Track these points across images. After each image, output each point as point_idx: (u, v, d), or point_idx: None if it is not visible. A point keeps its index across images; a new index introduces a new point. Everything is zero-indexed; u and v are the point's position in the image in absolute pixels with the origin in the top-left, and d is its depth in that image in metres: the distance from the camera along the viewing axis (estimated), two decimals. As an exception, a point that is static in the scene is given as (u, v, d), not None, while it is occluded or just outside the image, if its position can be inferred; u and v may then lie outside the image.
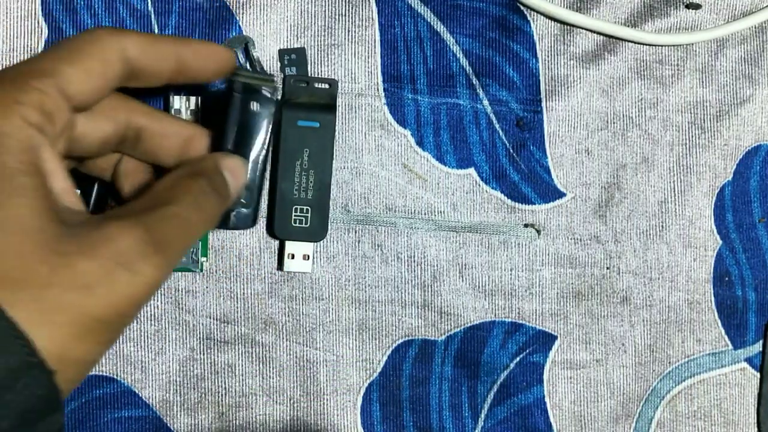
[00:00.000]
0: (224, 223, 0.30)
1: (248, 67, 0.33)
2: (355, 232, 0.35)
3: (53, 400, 0.19)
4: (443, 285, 0.35)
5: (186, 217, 0.23)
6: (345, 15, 0.35)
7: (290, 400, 0.34)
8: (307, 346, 0.34)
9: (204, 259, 0.33)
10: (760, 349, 0.38)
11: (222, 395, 0.34)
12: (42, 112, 0.21)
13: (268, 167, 0.33)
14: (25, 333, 0.18)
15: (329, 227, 0.34)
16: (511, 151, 0.36)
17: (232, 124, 0.29)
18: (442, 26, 0.35)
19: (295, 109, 0.33)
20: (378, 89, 0.35)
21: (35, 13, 0.33)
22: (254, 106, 0.29)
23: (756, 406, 0.38)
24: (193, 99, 0.32)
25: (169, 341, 0.33)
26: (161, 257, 0.21)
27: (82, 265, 0.20)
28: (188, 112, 0.32)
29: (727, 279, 0.38)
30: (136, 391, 0.33)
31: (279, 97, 0.32)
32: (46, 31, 0.33)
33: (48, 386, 0.19)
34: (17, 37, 0.33)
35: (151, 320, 0.33)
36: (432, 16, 0.35)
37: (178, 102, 0.32)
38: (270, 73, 0.33)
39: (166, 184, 0.24)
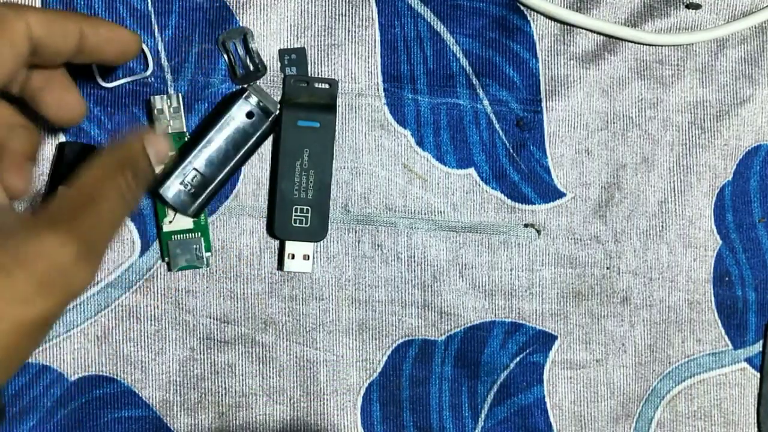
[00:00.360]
0: (162, 198, 0.32)
1: (247, 60, 0.33)
2: (355, 232, 0.35)
3: None
4: (443, 285, 0.35)
5: (114, 215, 0.25)
6: (345, 15, 0.35)
7: (290, 400, 0.34)
8: (307, 346, 0.34)
9: (209, 254, 0.33)
10: (760, 349, 0.38)
11: (222, 395, 0.34)
12: None
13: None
14: None
15: (329, 227, 0.34)
16: (511, 151, 0.36)
17: (223, 122, 0.32)
18: (442, 26, 0.35)
19: (296, 109, 0.33)
20: (378, 89, 0.35)
21: (35, 13, 0.33)
22: (250, 115, 0.32)
23: (756, 406, 0.38)
24: (174, 97, 0.32)
25: (169, 341, 0.33)
26: (94, 260, 0.23)
27: (21, 279, 0.21)
28: (171, 109, 0.32)
29: (727, 279, 0.38)
30: (136, 391, 0.33)
31: (273, 119, 0.33)
32: (46, 31, 0.33)
33: None
34: (17, 37, 0.33)
35: (151, 320, 0.33)
36: (432, 16, 0.35)
37: (159, 102, 0.32)
38: (278, 102, 0.33)
39: (95, 176, 0.24)
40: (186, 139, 0.33)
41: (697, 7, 0.37)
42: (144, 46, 0.33)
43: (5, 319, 0.21)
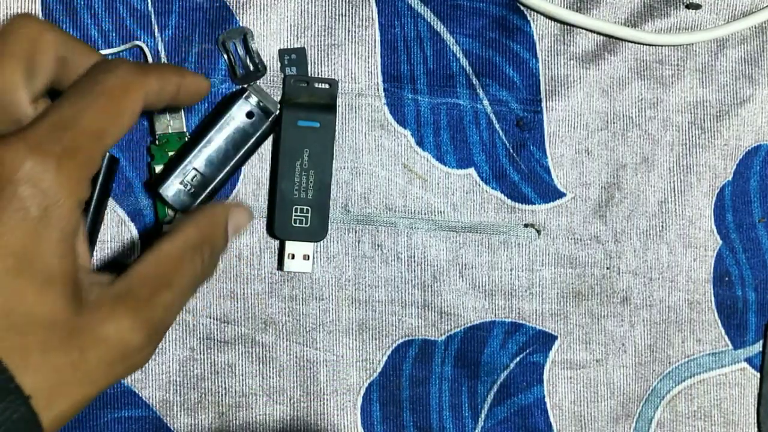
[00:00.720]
0: (161, 197, 0.32)
1: (247, 60, 0.33)
2: (355, 232, 0.35)
3: (33, 427, 0.21)
4: (443, 285, 0.35)
5: (185, 297, 0.26)
6: (345, 15, 0.35)
7: (290, 400, 0.34)
8: (307, 346, 0.34)
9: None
10: (760, 349, 0.38)
11: (222, 395, 0.34)
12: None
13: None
14: (3, 363, 0.21)
15: (329, 227, 0.34)
16: (511, 151, 0.36)
17: (223, 122, 0.32)
18: (442, 26, 0.35)
19: (296, 109, 0.33)
20: (378, 89, 0.35)
21: (35, 13, 0.33)
22: (252, 116, 0.32)
23: (756, 406, 0.38)
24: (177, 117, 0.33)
25: (169, 341, 0.33)
26: (157, 341, 0.25)
27: (92, 360, 0.22)
28: (170, 109, 0.33)
29: (727, 279, 0.38)
30: (136, 391, 0.33)
31: (273, 119, 0.33)
32: (46, 31, 0.33)
33: (24, 411, 0.21)
34: (17, 37, 0.33)
35: (151, 320, 0.33)
36: (432, 16, 0.35)
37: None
38: (278, 102, 0.33)
39: (175, 254, 0.26)
40: (186, 138, 0.33)
41: (697, 7, 0.37)
42: (144, 46, 0.33)
43: (70, 396, 0.22)
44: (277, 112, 0.33)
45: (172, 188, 0.32)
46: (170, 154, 0.32)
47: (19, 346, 0.21)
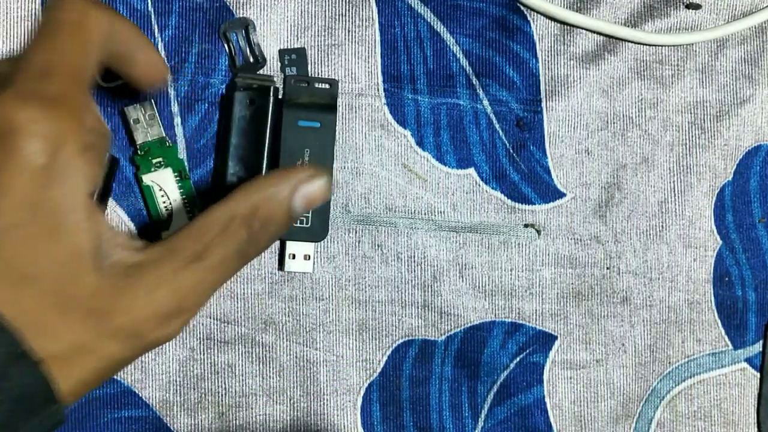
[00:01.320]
0: None
1: (248, 51, 0.34)
2: (356, 233, 0.35)
3: (46, 390, 0.20)
4: (443, 285, 0.35)
5: (220, 275, 0.24)
6: (345, 15, 0.35)
7: (290, 400, 0.34)
8: (307, 347, 0.34)
9: None
10: (760, 349, 0.38)
11: (222, 395, 0.34)
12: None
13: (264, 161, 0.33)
14: (12, 327, 0.20)
15: (329, 227, 0.34)
16: (511, 151, 0.36)
17: (235, 121, 0.32)
18: (442, 26, 0.35)
19: (296, 110, 0.33)
20: (378, 89, 0.35)
21: (35, 13, 0.33)
22: (255, 102, 0.33)
23: (756, 406, 0.38)
24: (147, 104, 0.32)
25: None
26: (187, 317, 0.23)
27: (114, 325, 0.21)
28: (146, 117, 0.32)
29: (727, 279, 0.38)
30: (136, 391, 0.33)
31: (278, 95, 0.33)
32: (46, 31, 0.33)
33: (35, 375, 0.20)
34: (17, 37, 0.33)
35: (151, 320, 0.33)
36: (432, 16, 0.35)
37: (134, 112, 0.32)
38: (269, 75, 0.33)
39: (216, 223, 0.24)
40: (167, 144, 0.33)
41: (697, 7, 0.37)
42: None
43: (90, 365, 0.22)
44: (277, 82, 0.33)
45: None
46: (154, 161, 0.32)
47: (32, 304, 0.20)
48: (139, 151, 0.32)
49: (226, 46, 0.34)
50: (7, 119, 0.20)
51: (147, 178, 0.32)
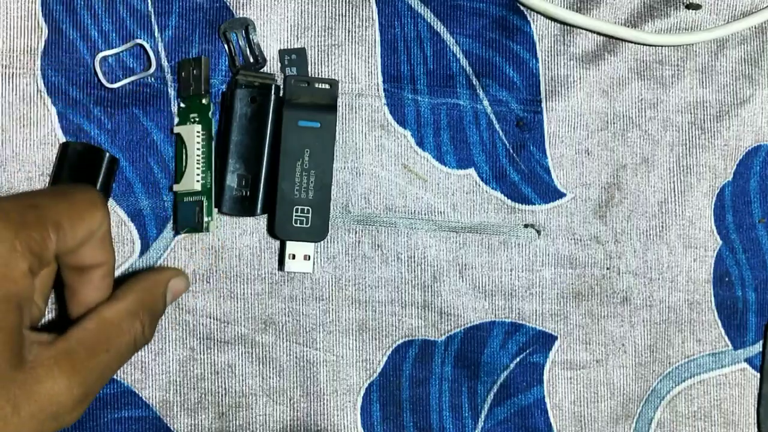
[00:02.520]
0: (217, 207, 0.33)
1: (248, 50, 0.34)
2: (356, 233, 0.35)
3: None
4: (443, 285, 0.35)
5: (121, 360, 0.28)
6: (345, 15, 0.35)
7: (290, 400, 0.34)
8: (307, 347, 0.34)
9: (209, 219, 0.33)
10: (760, 349, 0.38)
11: (222, 395, 0.34)
12: (42, 262, 0.25)
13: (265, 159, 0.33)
14: None
15: (329, 227, 0.34)
16: (511, 151, 0.36)
17: (237, 118, 0.32)
18: (442, 26, 0.35)
19: (296, 110, 0.33)
20: (378, 89, 0.35)
21: (35, 13, 0.33)
22: (256, 100, 0.33)
23: (756, 406, 0.38)
24: (201, 60, 0.33)
25: (169, 341, 0.33)
26: (89, 401, 0.26)
27: (26, 416, 0.23)
28: (195, 72, 0.33)
29: (727, 279, 0.38)
30: (136, 392, 0.33)
31: (279, 94, 0.33)
32: (46, 31, 0.33)
33: None
34: (17, 37, 0.33)
35: (151, 320, 0.33)
36: (432, 16, 0.35)
37: (187, 66, 0.33)
38: (271, 73, 0.34)
39: (116, 318, 0.27)
40: (206, 103, 0.33)
41: (697, 7, 0.37)
42: (145, 44, 0.33)
43: None
44: (277, 80, 0.33)
45: (228, 202, 0.33)
46: (191, 115, 0.33)
47: None
48: (182, 104, 0.33)
49: (226, 46, 0.34)
50: None
51: (177, 129, 0.33)
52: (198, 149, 0.32)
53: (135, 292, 0.29)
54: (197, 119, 0.33)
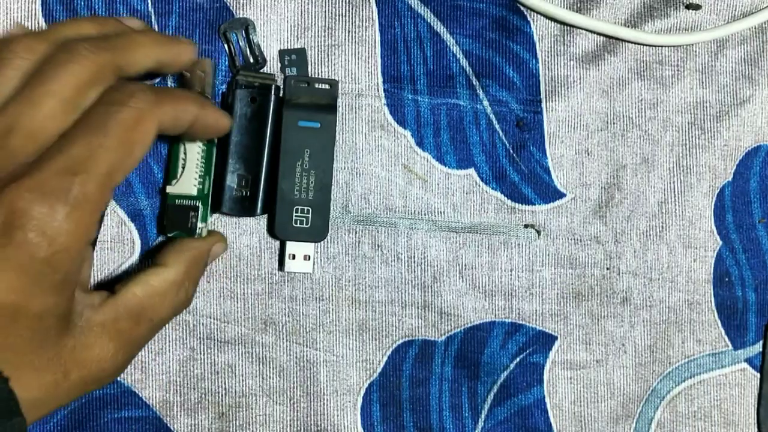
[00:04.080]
0: (217, 207, 0.33)
1: (248, 51, 0.34)
2: (356, 233, 0.35)
3: (10, 403, 0.22)
4: (443, 285, 0.35)
5: (159, 329, 0.29)
6: (345, 15, 0.35)
7: (290, 400, 0.34)
8: (307, 347, 0.34)
9: (203, 225, 0.33)
10: (760, 349, 0.38)
11: (222, 395, 0.34)
12: (97, 219, 0.24)
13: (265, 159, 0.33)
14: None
15: (329, 227, 0.34)
16: (511, 151, 0.36)
17: (236, 118, 0.32)
18: (442, 27, 0.35)
19: (296, 110, 0.33)
20: (378, 90, 0.35)
21: (35, 13, 0.33)
22: (256, 101, 0.33)
23: (756, 406, 0.38)
24: (206, 61, 0.32)
25: (169, 341, 0.33)
26: (126, 367, 0.27)
27: (74, 380, 0.24)
28: (202, 73, 0.32)
29: (727, 279, 0.38)
30: (136, 392, 0.33)
31: (279, 94, 0.33)
32: (47, 32, 0.33)
33: (2, 389, 0.22)
34: (17, 38, 0.33)
35: (151, 320, 0.33)
36: (432, 16, 0.35)
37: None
38: (270, 73, 0.34)
39: (158, 290, 0.28)
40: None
41: (697, 7, 0.37)
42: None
43: (47, 409, 0.24)
44: (278, 80, 0.33)
45: (228, 202, 0.33)
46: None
47: (13, 363, 0.23)
48: None
49: (226, 46, 0.34)
50: (18, 212, 0.21)
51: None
52: (199, 153, 0.32)
53: (183, 262, 0.29)
54: None
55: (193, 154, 0.32)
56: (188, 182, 0.32)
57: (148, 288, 0.27)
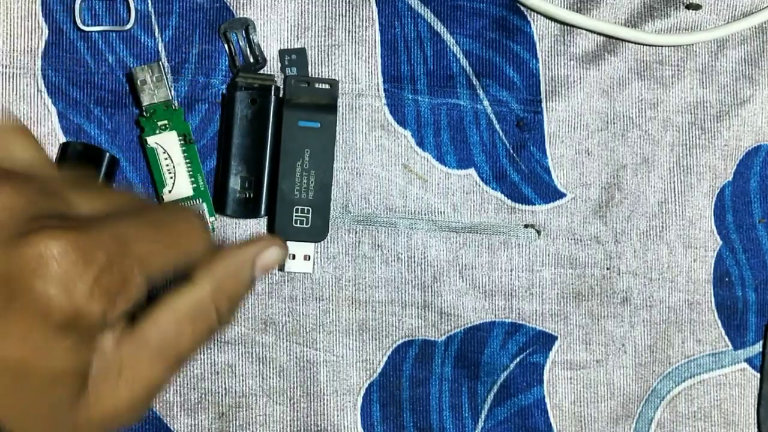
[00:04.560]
0: (221, 210, 0.33)
1: (248, 51, 0.34)
2: (356, 233, 0.35)
3: None
4: (443, 285, 0.35)
5: (186, 360, 0.24)
6: (345, 15, 0.35)
7: (290, 400, 0.34)
8: (307, 347, 0.34)
9: (213, 218, 0.33)
10: (760, 349, 0.38)
11: (222, 395, 0.34)
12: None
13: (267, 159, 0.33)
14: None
15: (329, 227, 0.34)
16: (512, 151, 0.36)
17: (237, 120, 0.33)
18: (442, 26, 0.35)
19: (296, 110, 0.33)
20: (378, 89, 0.35)
21: (35, 13, 0.33)
22: (256, 102, 0.33)
23: (756, 406, 0.38)
24: (155, 66, 0.32)
25: (169, 341, 0.33)
26: (147, 410, 0.25)
27: (98, 414, 0.22)
28: (153, 79, 0.32)
29: (727, 279, 0.38)
30: (136, 392, 0.33)
31: (279, 95, 0.33)
32: (46, 31, 0.33)
33: None
34: (17, 37, 0.33)
35: (151, 320, 0.33)
36: (432, 16, 0.35)
37: (141, 73, 0.32)
38: (270, 74, 0.34)
39: (181, 317, 0.23)
40: (173, 107, 0.33)
41: (697, 7, 0.37)
42: (130, 1, 0.33)
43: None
44: (277, 81, 0.33)
45: (231, 204, 0.33)
46: (159, 123, 0.32)
47: (23, 422, 0.21)
48: (144, 113, 0.32)
49: (226, 46, 0.34)
50: (46, 260, 0.18)
51: (151, 140, 0.32)
52: (182, 154, 0.32)
53: (214, 276, 0.24)
54: (169, 126, 0.33)
55: (177, 157, 0.32)
56: (182, 186, 0.32)
57: (172, 315, 0.23)
